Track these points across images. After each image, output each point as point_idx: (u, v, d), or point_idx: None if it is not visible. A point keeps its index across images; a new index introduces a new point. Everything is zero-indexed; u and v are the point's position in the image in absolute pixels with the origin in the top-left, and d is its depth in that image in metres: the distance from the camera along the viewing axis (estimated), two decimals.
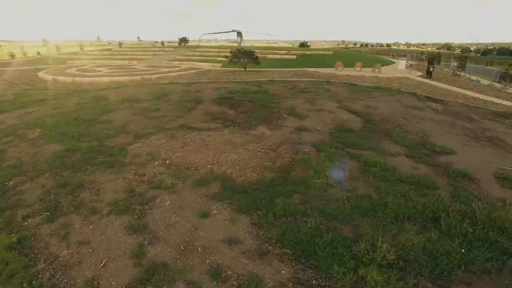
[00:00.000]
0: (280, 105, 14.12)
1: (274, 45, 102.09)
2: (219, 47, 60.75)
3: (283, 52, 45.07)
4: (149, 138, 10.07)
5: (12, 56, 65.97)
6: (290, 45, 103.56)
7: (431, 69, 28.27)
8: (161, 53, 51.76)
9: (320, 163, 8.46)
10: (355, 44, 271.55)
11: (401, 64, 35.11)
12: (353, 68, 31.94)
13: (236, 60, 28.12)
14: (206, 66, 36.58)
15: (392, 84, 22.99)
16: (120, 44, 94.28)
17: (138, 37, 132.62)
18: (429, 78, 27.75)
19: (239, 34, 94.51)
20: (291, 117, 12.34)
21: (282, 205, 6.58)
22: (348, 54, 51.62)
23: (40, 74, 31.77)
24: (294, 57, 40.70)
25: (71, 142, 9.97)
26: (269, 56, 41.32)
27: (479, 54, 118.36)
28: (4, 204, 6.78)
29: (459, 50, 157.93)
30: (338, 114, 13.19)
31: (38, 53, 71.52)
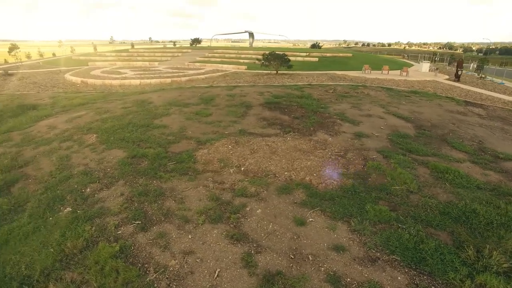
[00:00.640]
0: (329, 110, 14.20)
1: (286, 45, 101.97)
2: (231, 47, 60.59)
3: (304, 54, 45.04)
4: (214, 144, 10.13)
5: (29, 57, 66.35)
6: (301, 45, 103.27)
7: (459, 72, 28.14)
8: (179, 54, 51.91)
9: (394, 170, 8.54)
10: (356, 43, 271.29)
11: (425, 67, 34.81)
12: (380, 71, 31.87)
13: (267, 63, 28.20)
14: (230, 68, 36.63)
15: (426, 88, 22.92)
16: (132, 45, 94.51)
17: (150, 38, 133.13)
18: (457, 81, 27.64)
19: (251, 34, 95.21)
20: (345, 123, 12.42)
21: (373, 212, 6.70)
22: (368, 57, 51.52)
23: (67, 76, 32.02)
24: (316, 59, 40.72)
25: (134, 148, 10.05)
26: (298, 59, 41.49)
27: (481, 54, 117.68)
28: (90, 212, 6.88)
29: (461, 50, 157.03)
30: (387, 119, 13.25)
31: (54, 54, 71.81)
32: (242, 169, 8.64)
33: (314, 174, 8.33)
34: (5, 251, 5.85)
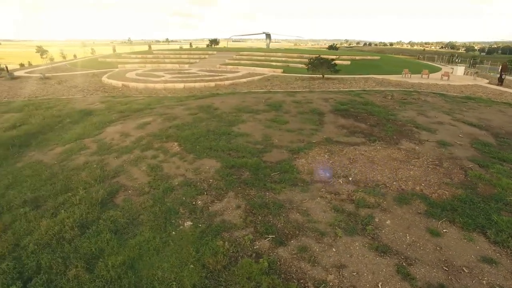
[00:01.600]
0: (399, 118, 14.32)
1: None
2: (256, 49, 60.39)
3: (333, 57, 45.05)
4: (308, 153, 10.30)
5: (52, 59, 67.00)
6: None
7: (503, 76, 27.96)
8: (206, 56, 52.14)
9: (499, 180, 8.66)
10: (358, 43, 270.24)
11: (460, 70, 34.54)
12: (418, 75, 31.78)
13: (314, 68, 28.38)
14: (266, 71, 36.80)
15: (477, 94, 22.86)
16: (149, 46, 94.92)
17: (167, 39, 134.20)
18: (501, 85, 27.47)
19: (268, 35, 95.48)
20: (422, 131, 12.52)
21: (504, 223, 6.82)
22: (394, 59, 51.37)
23: (105, 80, 32.27)
24: (349, 62, 40.69)
25: (226, 157, 10.10)
26: None
27: (483, 53, 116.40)
28: (214, 226, 6.89)
29: (463, 49, 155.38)
30: (460, 127, 13.32)
31: (75, 55, 72.34)
32: (350, 179, 8.80)
33: (422, 184, 8.48)
34: (142, 266, 5.88)
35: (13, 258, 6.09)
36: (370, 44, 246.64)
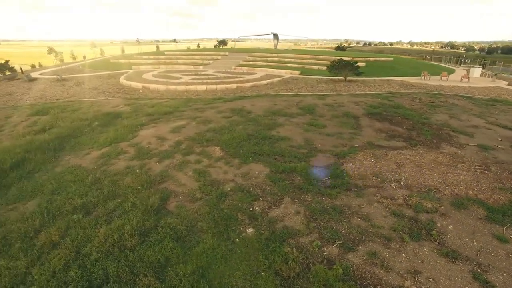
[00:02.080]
0: (432, 121, 14.39)
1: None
2: (265, 50, 60.08)
3: (347, 59, 45.08)
4: (353, 158, 10.39)
5: (61, 60, 67.23)
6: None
7: None
8: (219, 57, 52.25)
9: None
10: (357, 43, 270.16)
11: (476, 72, 34.43)
12: (437, 77, 31.76)
13: (336, 70, 28.47)
14: (283, 72, 36.84)
15: (502, 96, 22.84)
16: (157, 47, 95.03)
17: (174, 39, 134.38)
18: None
19: (276, 36, 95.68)
20: (459, 134, 12.57)
21: None
22: (406, 61, 51.28)
23: (123, 81, 32.44)
24: (364, 64, 40.70)
25: (273, 162, 10.09)
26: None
27: (483, 53, 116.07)
28: (277, 232, 6.91)
29: (463, 49, 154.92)
30: (496, 130, 13.36)
31: (84, 57, 72.53)
32: (402, 183, 8.88)
33: (475, 189, 8.55)
34: (213, 275, 5.86)
35: (78, 266, 6.14)
36: (370, 44, 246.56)
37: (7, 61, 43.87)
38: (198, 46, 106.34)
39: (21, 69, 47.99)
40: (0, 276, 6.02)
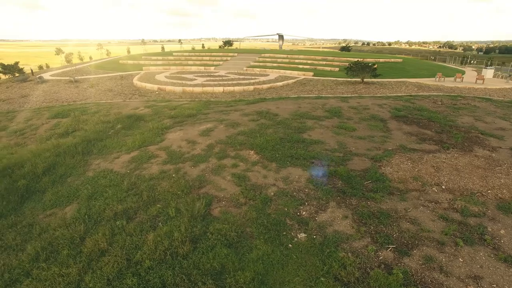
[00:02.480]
0: (458, 124, 14.51)
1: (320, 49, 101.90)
2: (271, 51, 60.01)
3: (366, 60, 45.17)
4: (390, 161, 10.49)
5: (69, 61, 67.35)
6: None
7: None
8: (228, 58, 52.37)
9: None
10: (356, 43, 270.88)
11: (489, 73, 34.41)
12: (451, 79, 31.76)
13: (353, 73, 28.60)
14: (295, 74, 36.96)
15: None
16: (162, 47, 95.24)
17: (179, 40, 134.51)
18: None
19: (281, 37, 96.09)
20: (488, 137, 12.67)
21: None
22: (416, 62, 51.30)
23: (137, 83, 32.46)
24: (375, 65, 40.90)
25: (311, 165, 10.23)
26: (344, 64, 41.74)
27: (481, 53, 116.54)
28: (329, 237, 7.00)
29: (461, 49, 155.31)
30: None
31: (90, 57, 72.66)
32: (443, 187, 9.00)
33: None
34: (273, 281, 5.93)
35: (132, 274, 6.16)
36: (368, 43, 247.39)
37: (16, 63, 44.01)
38: (203, 46, 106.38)
39: (31, 70, 48.13)
40: (54, 284, 6.08)
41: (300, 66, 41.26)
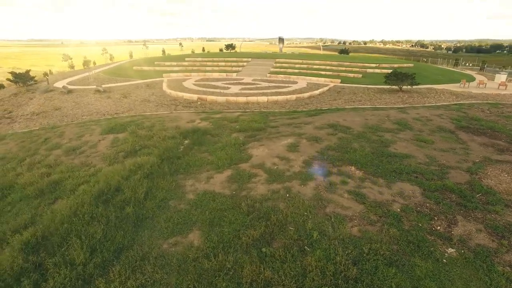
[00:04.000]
0: None
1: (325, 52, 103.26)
2: (274, 55, 59.93)
3: (373, 65, 46.77)
4: (485, 173, 11.19)
5: (72, 67, 67.23)
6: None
7: None
8: (244, 64, 52.73)
9: None
10: (332, 42, 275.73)
11: (502, 78, 35.86)
12: (475, 84, 32.96)
13: (392, 82, 29.88)
14: (322, 81, 37.87)
15: None
16: (163, 51, 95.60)
17: (180, 43, 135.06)
18: None
19: (281, 40, 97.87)
20: None
21: None
22: (425, 67, 52.85)
23: (171, 92, 32.72)
24: (390, 71, 42.47)
25: (418, 180, 10.72)
26: (369, 71, 43.60)
27: (450, 52, 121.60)
28: (479, 252, 7.31)
29: (432, 48, 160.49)
30: None
31: (94, 62, 72.67)
32: None
33: None
34: None
35: None
36: (344, 42, 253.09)
37: (28, 71, 43.41)
38: (203, 50, 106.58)
39: (47, 79, 47.85)
40: None
41: (322, 73, 42.37)
